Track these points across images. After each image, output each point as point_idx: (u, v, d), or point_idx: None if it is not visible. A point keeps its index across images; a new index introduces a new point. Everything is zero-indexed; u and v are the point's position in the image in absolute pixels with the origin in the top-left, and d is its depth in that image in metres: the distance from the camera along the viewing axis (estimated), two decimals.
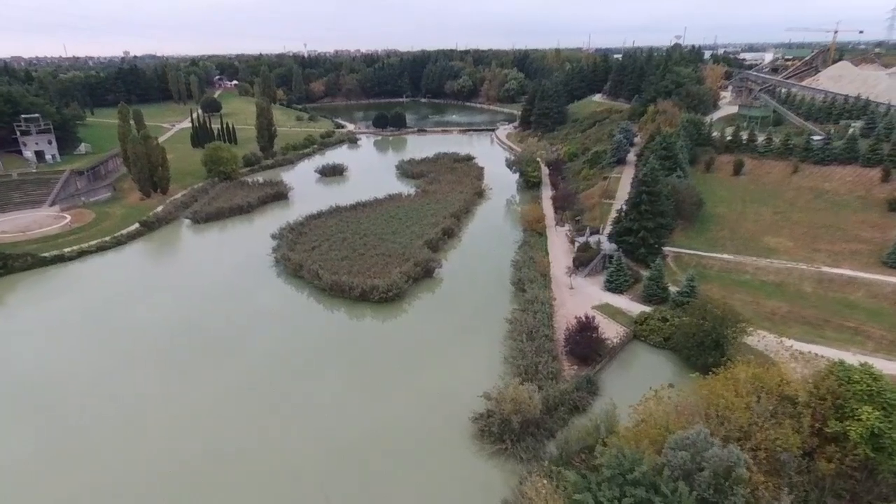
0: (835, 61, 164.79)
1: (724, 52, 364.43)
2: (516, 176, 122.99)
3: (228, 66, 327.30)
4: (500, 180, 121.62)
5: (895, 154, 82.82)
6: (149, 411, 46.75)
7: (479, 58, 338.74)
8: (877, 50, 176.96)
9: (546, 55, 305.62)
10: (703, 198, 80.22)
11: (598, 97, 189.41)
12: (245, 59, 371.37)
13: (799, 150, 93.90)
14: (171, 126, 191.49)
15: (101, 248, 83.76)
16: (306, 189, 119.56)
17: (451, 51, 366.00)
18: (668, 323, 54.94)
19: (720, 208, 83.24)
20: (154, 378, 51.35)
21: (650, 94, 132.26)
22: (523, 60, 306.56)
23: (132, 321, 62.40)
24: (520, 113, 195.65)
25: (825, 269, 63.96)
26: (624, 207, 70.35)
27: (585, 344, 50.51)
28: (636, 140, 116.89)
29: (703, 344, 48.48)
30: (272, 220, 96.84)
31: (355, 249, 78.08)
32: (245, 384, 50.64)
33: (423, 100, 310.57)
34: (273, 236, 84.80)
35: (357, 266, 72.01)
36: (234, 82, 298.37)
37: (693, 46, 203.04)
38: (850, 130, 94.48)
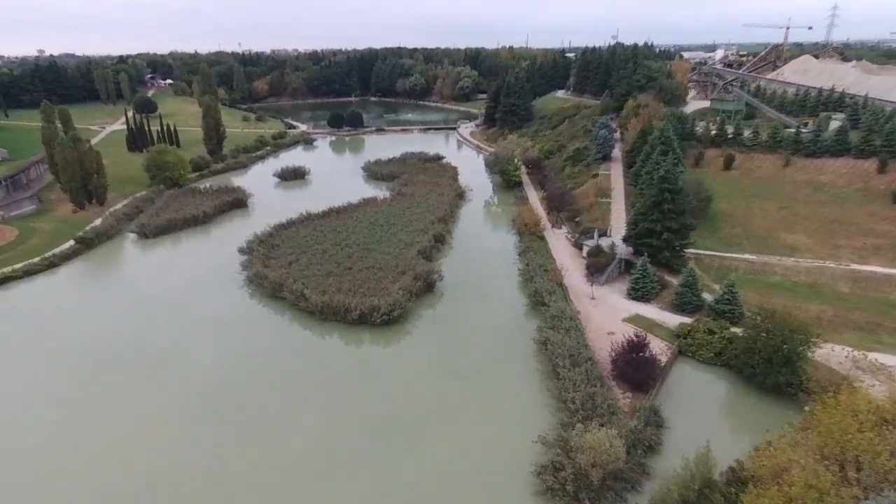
0: (786, 58, 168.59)
1: (660, 51, 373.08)
2: (490, 175, 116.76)
3: (161, 65, 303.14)
4: (473, 180, 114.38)
5: (889, 145, 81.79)
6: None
7: (430, 56, 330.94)
8: (834, 45, 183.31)
9: (499, 52, 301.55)
10: (710, 194, 75.92)
11: (561, 93, 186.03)
12: (179, 57, 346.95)
13: (788, 142, 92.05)
14: (101, 128, 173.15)
15: (29, 272, 70.19)
16: (266, 195, 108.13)
17: (400, 48, 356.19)
18: (716, 336, 49.21)
19: (722, 204, 79.30)
20: (117, 429, 40.63)
21: (624, 88, 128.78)
22: (475, 58, 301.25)
23: (76, 362, 50.71)
24: (481, 111, 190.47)
25: (855, 266, 60.53)
26: (640, 207, 64.40)
27: (640, 367, 43.84)
28: (616, 136, 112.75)
29: (771, 361, 42.78)
30: (234, 232, 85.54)
31: (340, 263, 68.60)
32: (235, 436, 40.87)
33: (373, 99, 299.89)
34: (241, 250, 73.86)
35: (346, 283, 62.68)
36: (169, 81, 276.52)
37: (647, 43, 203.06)
38: (838, 123, 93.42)
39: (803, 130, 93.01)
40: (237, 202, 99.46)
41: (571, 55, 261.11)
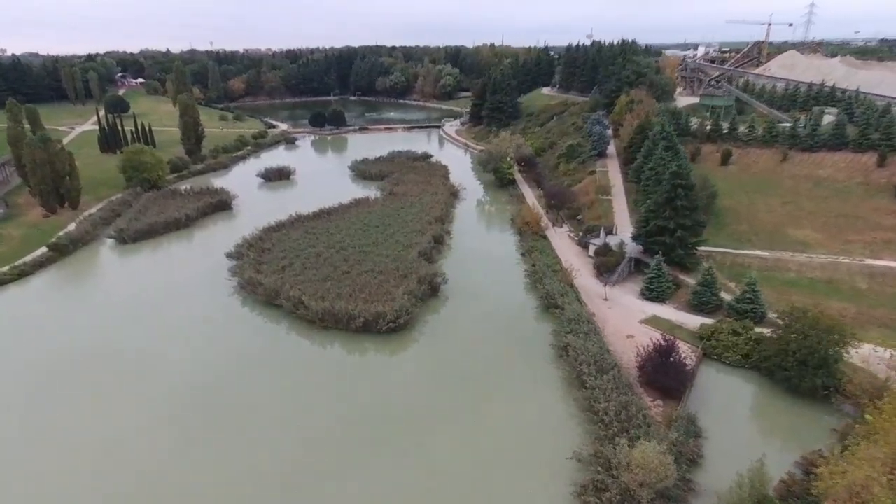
0: (766, 55, 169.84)
1: (645, 47, 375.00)
2: (480, 173, 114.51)
3: (132, 63, 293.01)
4: (463, 178, 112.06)
5: (887, 139, 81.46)
6: None
7: (409, 54, 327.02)
8: (818, 40, 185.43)
9: (480, 50, 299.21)
10: (716, 189, 74.37)
11: (546, 90, 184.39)
12: (151, 56, 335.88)
13: (785, 137, 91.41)
14: (70, 129, 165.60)
15: None
16: (251, 196, 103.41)
17: (379, 47, 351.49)
18: (741, 337, 47.15)
19: (725, 200, 77.81)
20: (102, 445, 36.62)
21: (613, 84, 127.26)
22: (456, 56, 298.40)
23: (54, 376, 46.21)
24: (465, 109, 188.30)
25: (869, 261, 59.29)
26: (651, 204, 62.20)
27: (670, 373, 41.41)
28: (608, 132, 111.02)
29: (805, 363, 40.76)
30: (219, 236, 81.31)
31: (336, 267, 64.96)
32: (235, 447, 37.32)
33: (352, 98, 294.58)
34: (229, 255, 69.65)
35: (346, 288, 59.12)
36: (140, 80, 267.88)
37: (633, 40, 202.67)
38: (831, 117, 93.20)
39: (800, 125, 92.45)
40: (221, 204, 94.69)
41: (553, 53, 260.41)
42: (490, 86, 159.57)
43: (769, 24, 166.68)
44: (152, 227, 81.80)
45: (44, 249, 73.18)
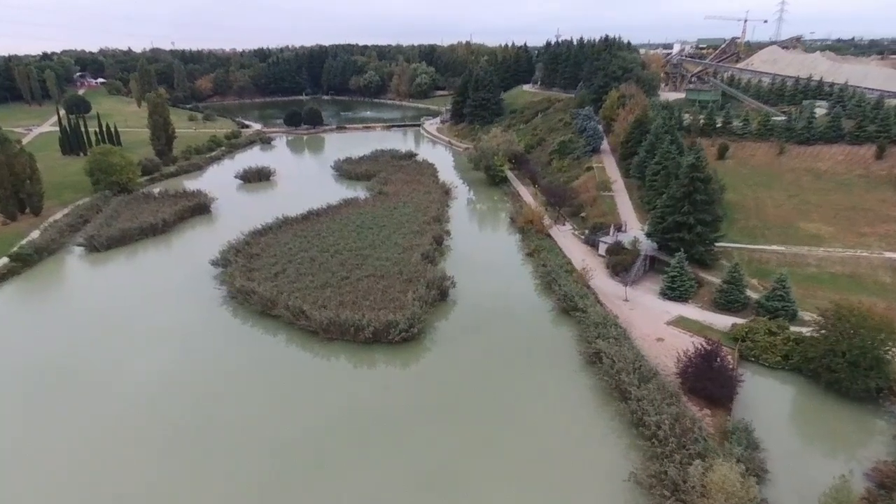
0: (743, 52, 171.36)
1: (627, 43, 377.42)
2: (466, 172, 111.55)
3: (92, 62, 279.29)
4: (452, 177, 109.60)
5: (885, 131, 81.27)
6: None
7: (383, 53, 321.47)
8: (799, 36, 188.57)
9: (456, 48, 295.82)
10: (724, 183, 72.44)
11: (527, 87, 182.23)
12: (111, 54, 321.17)
13: (780, 130, 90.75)
14: (27, 130, 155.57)
15: None
16: (230, 199, 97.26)
17: (352, 45, 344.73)
18: (779, 337, 44.64)
19: (730, 194, 75.89)
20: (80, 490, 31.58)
21: (601, 80, 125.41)
22: (430, 54, 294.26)
23: (28, 419, 40.56)
24: (446, 107, 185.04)
25: (889, 255, 57.87)
26: (667, 199, 59.46)
27: (716, 379, 38.39)
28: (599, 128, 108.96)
29: (856, 364, 38.34)
30: (200, 241, 75.81)
31: (334, 272, 60.31)
32: (237, 484, 32.56)
33: (325, 97, 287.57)
34: (213, 262, 64.20)
35: (348, 295, 54.68)
36: (101, 80, 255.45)
37: (616, 37, 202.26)
38: (823, 111, 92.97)
39: (793, 118, 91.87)
40: (199, 207, 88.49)
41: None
42: (472, 83, 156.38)
43: (745, 21, 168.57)
44: (126, 234, 75.41)
45: (5, 260, 66.31)
